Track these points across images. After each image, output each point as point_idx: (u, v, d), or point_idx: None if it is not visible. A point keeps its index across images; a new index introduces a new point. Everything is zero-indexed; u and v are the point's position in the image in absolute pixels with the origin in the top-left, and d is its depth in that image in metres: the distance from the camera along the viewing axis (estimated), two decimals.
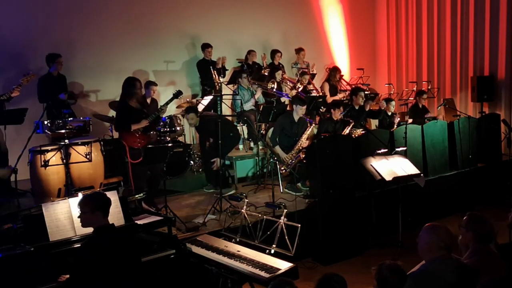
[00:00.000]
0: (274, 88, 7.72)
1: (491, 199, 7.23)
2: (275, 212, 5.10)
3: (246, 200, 4.60)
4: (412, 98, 8.62)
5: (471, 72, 9.49)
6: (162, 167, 5.74)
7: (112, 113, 7.07)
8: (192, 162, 7.25)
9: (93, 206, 3.33)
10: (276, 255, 3.91)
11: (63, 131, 5.37)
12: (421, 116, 8.13)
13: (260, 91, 7.84)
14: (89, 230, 3.42)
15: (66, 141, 5.34)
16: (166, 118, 6.82)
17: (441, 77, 10.15)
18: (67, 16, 7.57)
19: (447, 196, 7.04)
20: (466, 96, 9.67)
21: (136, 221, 4.30)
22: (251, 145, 8.03)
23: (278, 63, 8.94)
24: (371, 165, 5.71)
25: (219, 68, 8.20)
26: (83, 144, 5.44)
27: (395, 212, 5.77)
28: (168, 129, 6.76)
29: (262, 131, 7.52)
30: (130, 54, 8.15)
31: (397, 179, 5.66)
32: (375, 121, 8.64)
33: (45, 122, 5.38)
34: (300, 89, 8.10)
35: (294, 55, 9.57)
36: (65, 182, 5.31)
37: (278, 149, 6.66)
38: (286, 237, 3.99)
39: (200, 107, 7.57)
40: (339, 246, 5.73)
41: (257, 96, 7.83)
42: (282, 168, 6.68)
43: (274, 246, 4.01)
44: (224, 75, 8.31)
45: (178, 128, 6.91)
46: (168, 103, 5.92)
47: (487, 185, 7.54)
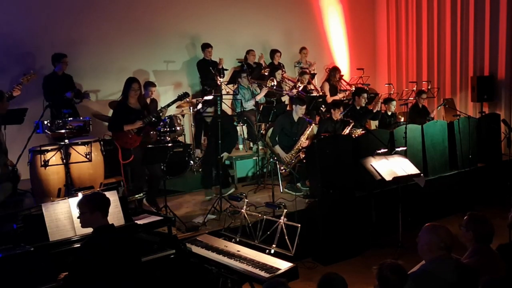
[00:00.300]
0: (275, 86, 7.71)
1: (491, 199, 7.23)
2: (275, 212, 5.10)
3: (246, 200, 4.60)
4: (412, 98, 8.62)
5: (471, 72, 9.49)
6: (161, 167, 5.74)
7: None
8: (192, 162, 7.25)
9: (92, 207, 3.33)
10: (276, 255, 3.91)
11: (63, 131, 5.36)
12: (421, 116, 8.13)
13: (265, 91, 7.78)
14: (89, 230, 3.42)
15: (66, 141, 5.34)
16: (166, 118, 6.83)
17: (441, 77, 10.15)
18: (67, 16, 7.56)
19: (447, 196, 7.03)
20: (466, 96, 9.67)
21: (136, 221, 4.30)
22: (251, 145, 8.03)
23: (278, 63, 8.94)
24: (371, 165, 5.70)
25: (219, 69, 8.19)
26: (83, 144, 5.43)
27: (395, 212, 5.76)
28: (168, 129, 6.77)
29: (262, 131, 7.52)
30: (130, 54, 8.15)
31: (397, 179, 5.66)
32: (375, 121, 8.64)
33: (45, 122, 5.37)
34: (301, 88, 8.10)
35: (294, 55, 9.57)
36: (65, 182, 5.31)
37: (278, 149, 6.66)
38: (286, 237, 3.99)
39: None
40: (339, 246, 5.73)
41: (261, 96, 7.79)
42: (282, 168, 6.68)
43: (274, 246, 4.01)
44: (224, 75, 8.31)
45: (178, 128, 6.92)
46: (170, 105, 5.87)
47: (487, 185, 7.54)
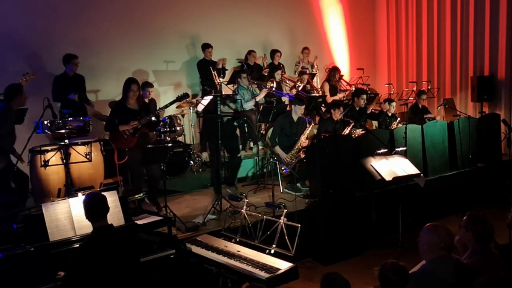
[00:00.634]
0: (274, 88, 7.71)
1: (491, 199, 7.23)
2: (275, 212, 5.10)
3: (246, 200, 4.60)
4: (412, 98, 8.62)
5: (471, 72, 9.49)
6: (160, 168, 5.73)
7: None
8: (192, 162, 7.25)
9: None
10: (276, 255, 3.91)
11: (63, 131, 5.36)
12: (421, 116, 8.13)
13: (265, 93, 7.76)
14: (89, 230, 3.43)
15: (66, 141, 5.34)
16: (166, 118, 6.82)
17: (441, 77, 10.15)
18: (67, 17, 7.55)
19: (447, 196, 7.03)
20: (466, 96, 9.66)
21: (136, 221, 4.30)
22: (251, 145, 8.03)
23: (278, 63, 8.93)
24: (371, 165, 5.70)
25: (219, 69, 8.19)
26: (83, 144, 5.43)
27: (395, 212, 5.76)
28: (168, 129, 6.76)
29: (262, 131, 7.52)
30: (130, 54, 8.14)
31: (397, 179, 5.66)
32: (375, 122, 8.64)
33: (45, 122, 5.36)
34: (300, 88, 8.09)
35: (294, 55, 9.56)
36: (65, 182, 5.30)
37: (278, 149, 6.65)
38: (286, 237, 3.99)
39: (200, 107, 7.57)
40: (339, 246, 5.73)
41: (261, 97, 7.78)
42: (282, 168, 6.68)
43: (274, 246, 4.01)
44: (224, 75, 8.30)
45: (178, 128, 6.91)
46: (168, 106, 5.84)
47: (487, 185, 7.54)
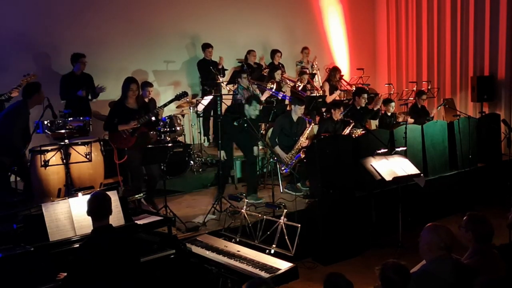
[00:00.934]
0: (273, 89, 7.70)
1: (491, 199, 7.23)
2: (275, 212, 5.09)
3: (246, 200, 4.60)
4: (412, 98, 8.62)
5: (471, 72, 9.49)
6: (159, 168, 5.72)
7: None
8: (192, 162, 7.24)
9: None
10: (276, 255, 3.91)
11: (63, 131, 5.36)
12: (421, 116, 8.13)
13: (267, 95, 7.72)
14: (89, 230, 3.43)
15: (66, 141, 5.34)
16: (166, 118, 6.81)
17: (441, 77, 10.15)
18: (67, 17, 7.56)
19: (447, 196, 7.03)
20: (466, 96, 9.67)
21: (136, 221, 4.30)
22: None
23: (278, 63, 8.93)
24: (371, 165, 5.70)
25: (219, 69, 8.19)
26: (83, 144, 5.42)
27: (395, 212, 5.76)
28: (168, 129, 6.76)
29: (262, 131, 7.51)
30: (130, 54, 8.15)
31: (397, 179, 5.66)
32: (375, 121, 8.64)
33: (45, 122, 5.36)
34: (300, 88, 8.08)
35: (295, 55, 9.55)
36: (65, 182, 5.30)
37: (278, 150, 6.64)
38: (286, 237, 3.99)
39: (200, 107, 7.58)
40: (339, 246, 5.73)
41: (264, 98, 7.75)
42: (282, 168, 6.67)
43: (274, 246, 4.01)
44: (224, 75, 8.30)
45: (178, 128, 6.91)
46: (167, 105, 5.83)
47: (487, 185, 7.54)
